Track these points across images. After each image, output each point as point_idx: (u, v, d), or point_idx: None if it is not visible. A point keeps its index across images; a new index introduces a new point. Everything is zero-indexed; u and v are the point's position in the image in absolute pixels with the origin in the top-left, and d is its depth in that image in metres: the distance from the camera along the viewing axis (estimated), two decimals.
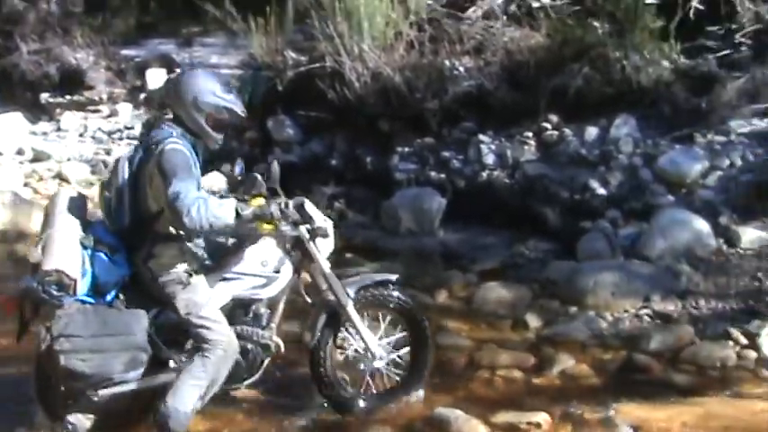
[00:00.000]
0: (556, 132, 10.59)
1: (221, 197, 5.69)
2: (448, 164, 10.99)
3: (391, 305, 6.26)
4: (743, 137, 9.89)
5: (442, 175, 11.02)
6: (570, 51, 10.87)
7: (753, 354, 7.12)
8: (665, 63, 10.64)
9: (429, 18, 12.13)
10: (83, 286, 5.44)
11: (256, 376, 5.99)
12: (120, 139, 15.03)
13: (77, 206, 5.74)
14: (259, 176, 5.95)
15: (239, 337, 5.76)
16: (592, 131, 10.44)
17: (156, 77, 16.00)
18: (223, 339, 5.60)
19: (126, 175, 5.60)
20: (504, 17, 12.00)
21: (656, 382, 6.83)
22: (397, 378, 6.35)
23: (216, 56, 16.36)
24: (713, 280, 8.32)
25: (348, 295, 5.98)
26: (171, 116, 5.76)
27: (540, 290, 8.58)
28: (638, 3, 10.77)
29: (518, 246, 9.65)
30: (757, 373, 6.89)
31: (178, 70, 15.73)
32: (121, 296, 5.60)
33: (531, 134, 10.68)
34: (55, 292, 5.28)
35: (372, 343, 6.12)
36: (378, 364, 6.18)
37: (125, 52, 17.22)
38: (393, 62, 11.83)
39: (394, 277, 6.36)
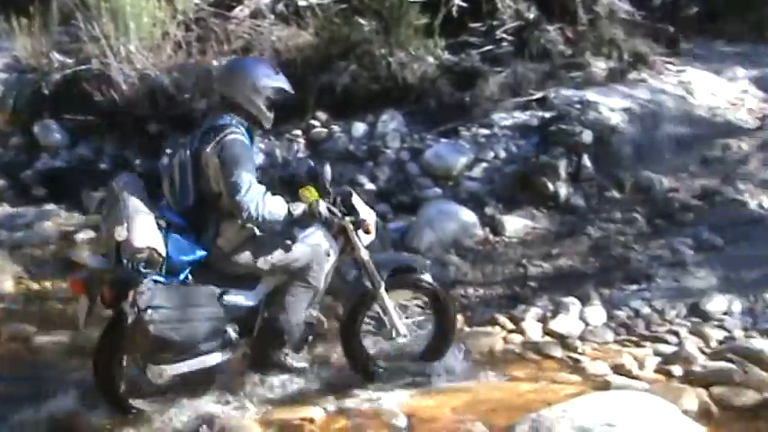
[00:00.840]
0: (324, 129, 10.63)
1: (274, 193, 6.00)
2: None
3: (420, 288, 6.68)
4: (506, 129, 10.21)
5: None
6: (337, 49, 10.94)
7: (519, 337, 7.36)
8: (430, 59, 10.89)
9: (196, 18, 11.98)
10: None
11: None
12: None
13: (139, 188, 5.94)
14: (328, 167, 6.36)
15: None
16: (359, 128, 10.54)
17: None
18: (313, 260, 6.19)
19: (187, 159, 5.90)
20: (272, 16, 11.98)
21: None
22: (418, 353, 6.78)
23: None
24: (480, 269, 8.55)
25: (382, 277, 6.39)
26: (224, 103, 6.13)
27: None
28: (402, 1, 10.97)
29: None
30: (523, 356, 7.10)
31: None
32: (190, 276, 5.89)
33: (299, 132, 10.66)
34: (143, 270, 5.52)
35: (398, 321, 6.52)
36: (402, 340, 6.61)
37: None
38: (161, 63, 11.62)
39: (427, 262, 6.96)
